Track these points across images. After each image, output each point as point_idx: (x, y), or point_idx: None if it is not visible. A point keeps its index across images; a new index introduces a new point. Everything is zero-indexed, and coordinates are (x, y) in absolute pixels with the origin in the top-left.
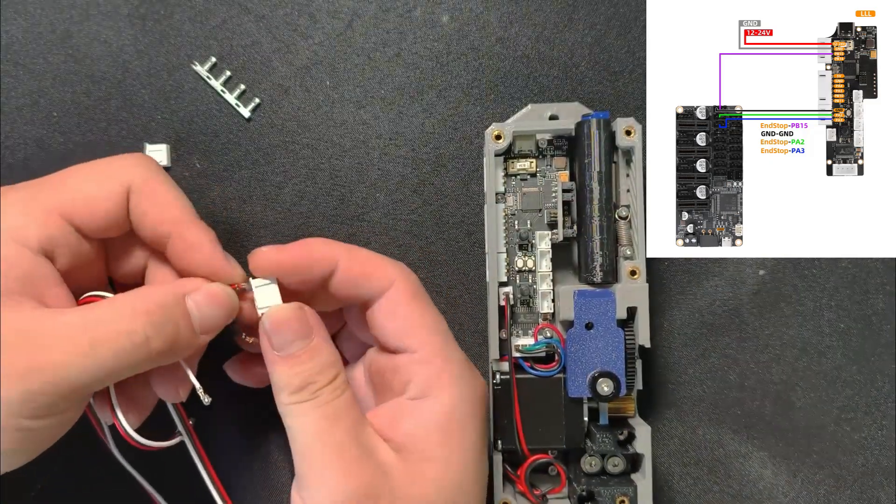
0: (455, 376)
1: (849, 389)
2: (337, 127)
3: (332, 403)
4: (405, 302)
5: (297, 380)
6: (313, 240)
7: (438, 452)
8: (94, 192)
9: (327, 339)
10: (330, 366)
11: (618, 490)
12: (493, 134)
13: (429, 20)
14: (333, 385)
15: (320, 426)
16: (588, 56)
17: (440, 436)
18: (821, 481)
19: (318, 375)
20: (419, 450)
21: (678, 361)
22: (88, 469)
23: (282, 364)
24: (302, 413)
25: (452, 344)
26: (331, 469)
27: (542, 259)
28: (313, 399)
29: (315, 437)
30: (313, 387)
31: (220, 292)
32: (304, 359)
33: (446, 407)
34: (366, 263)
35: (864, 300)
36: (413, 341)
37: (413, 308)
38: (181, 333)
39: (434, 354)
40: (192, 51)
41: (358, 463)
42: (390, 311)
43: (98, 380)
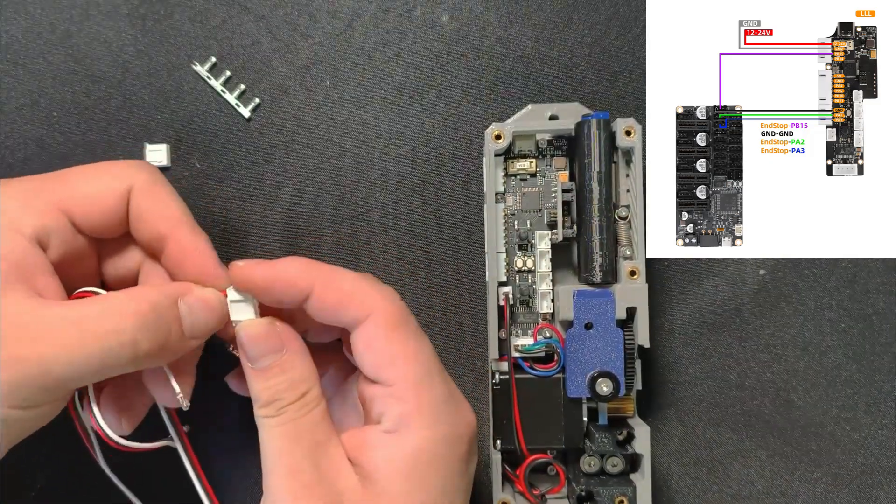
0: (429, 414)
1: (849, 389)
2: (337, 127)
3: (296, 422)
4: (383, 334)
5: (266, 394)
6: (294, 260)
7: (398, 489)
8: (95, 190)
9: (301, 354)
10: (300, 382)
11: (617, 490)
12: (493, 134)
13: (429, 20)
14: (302, 402)
15: (281, 446)
16: (588, 56)
17: (403, 474)
18: (819, 479)
19: (287, 392)
20: (381, 482)
21: (678, 361)
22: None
23: (255, 377)
24: (268, 429)
25: (434, 377)
26: (284, 491)
27: (542, 259)
28: (278, 416)
29: (274, 456)
30: (280, 403)
31: (212, 298)
32: (275, 373)
33: (414, 446)
34: (341, 292)
35: (864, 300)
36: (388, 374)
37: (391, 340)
38: (171, 336)
39: (408, 390)
40: (192, 51)
41: (310, 489)
42: (368, 341)
43: (83, 376)
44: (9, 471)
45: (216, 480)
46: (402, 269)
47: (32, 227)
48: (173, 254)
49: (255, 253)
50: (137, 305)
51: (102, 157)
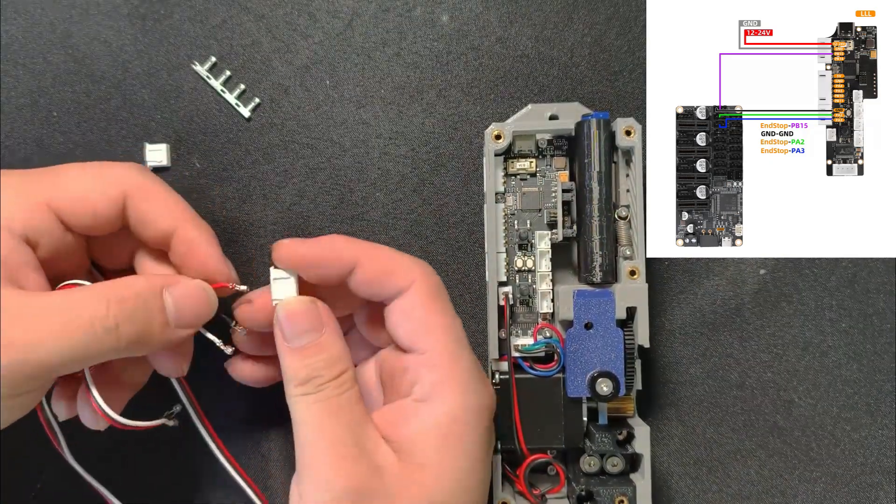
0: (461, 383)
1: (849, 389)
2: (337, 126)
3: (335, 399)
4: (422, 303)
5: (304, 372)
6: (336, 237)
7: (434, 458)
8: (88, 191)
9: (338, 335)
10: (338, 361)
11: (617, 490)
12: (492, 134)
13: (429, 20)
14: (339, 381)
15: (321, 421)
16: (588, 56)
17: (438, 441)
18: (818, 479)
19: (325, 370)
20: (416, 453)
21: (678, 361)
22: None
23: (291, 355)
24: (305, 406)
25: (465, 350)
26: (326, 465)
27: (542, 259)
28: (317, 392)
29: (315, 431)
30: (319, 380)
31: (198, 289)
32: (313, 352)
33: (447, 412)
34: (387, 262)
35: (864, 300)
36: (424, 342)
37: (429, 309)
38: (154, 325)
39: (442, 358)
40: (192, 50)
41: (353, 461)
42: (406, 310)
43: (66, 362)
44: (8, 471)
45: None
46: None
47: (21, 224)
48: (178, 250)
49: (255, 253)
50: (120, 293)
51: (102, 157)
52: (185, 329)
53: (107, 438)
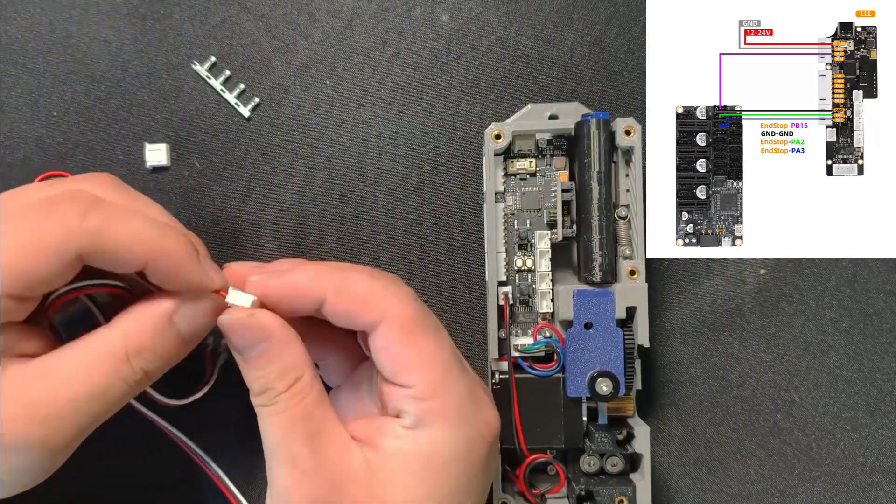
0: (449, 416)
1: (849, 389)
2: (336, 126)
3: (290, 412)
4: (397, 338)
5: (258, 384)
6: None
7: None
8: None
9: (288, 342)
10: (290, 369)
11: (617, 490)
12: (492, 133)
13: (428, 19)
14: (293, 391)
15: (277, 434)
16: (588, 56)
17: (420, 469)
18: (818, 479)
19: (278, 381)
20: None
21: (678, 361)
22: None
23: (244, 366)
24: (263, 417)
25: (454, 378)
26: (285, 480)
27: (542, 259)
28: (271, 405)
29: (272, 445)
30: (272, 392)
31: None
32: (263, 363)
33: (431, 446)
34: (352, 299)
35: (864, 299)
36: (407, 379)
37: (407, 344)
38: (171, 352)
39: (428, 391)
40: (191, 50)
41: (311, 476)
42: (384, 346)
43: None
44: None
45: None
46: (402, 268)
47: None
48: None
49: (255, 253)
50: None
51: (102, 157)
52: (196, 340)
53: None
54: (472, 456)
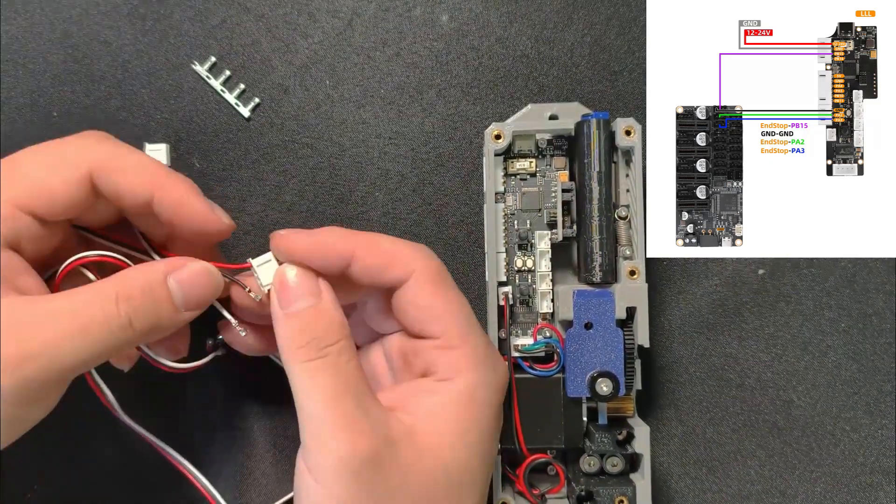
0: (477, 361)
1: (849, 389)
2: (337, 126)
3: (342, 366)
4: (425, 290)
5: (303, 335)
6: (333, 229)
7: (453, 430)
8: (49, 181)
9: (335, 303)
10: (339, 327)
11: (617, 490)
12: (492, 134)
13: (428, 20)
14: (340, 346)
15: (329, 390)
16: (588, 56)
17: (457, 414)
18: (818, 479)
19: (324, 333)
20: (433, 426)
21: (678, 361)
22: (85, 468)
23: (288, 320)
24: (309, 374)
25: (475, 328)
26: (336, 437)
27: (542, 259)
28: (321, 358)
29: (321, 401)
30: (319, 342)
31: (202, 271)
32: (311, 316)
33: (467, 388)
34: (384, 253)
35: (864, 300)
36: (435, 328)
37: (434, 295)
38: (163, 313)
39: (456, 340)
40: (191, 50)
41: (363, 432)
42: (411, 299)
43: (86, 362)
44: (5, 472)
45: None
46: None
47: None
48: (163, 214)
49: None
50: (126, 290)
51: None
52: (192, 311)
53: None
54: (493, 400)
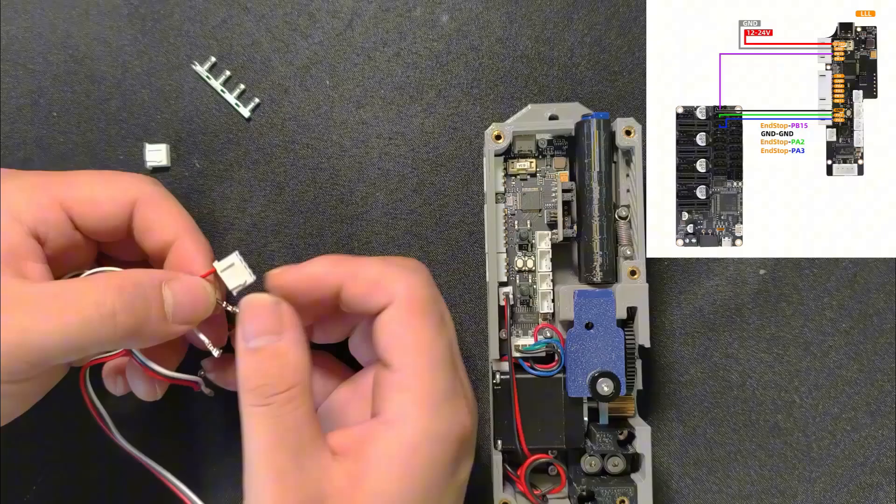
0: (429, 408)
1: (849, 389)
2: (337, 126)
3: (283, 418)
4: (400, 318)
5: (255, 379)
6: (321, 260)
7: (394, 487)
8: (99, 194)
9: (298, 343)
10: (292, 371)
11: (618, 490)
12: (492, 134)
13: (429, 20)
14: (289, 395)
15: (266, 443)
16: (588, 56)
17: (400, 469)
18: (818, 479)
19: (277, 379)
20: (375, 479)
21: (678, 361)
22: (84, 468)
23: (246, 356)
24: (253, 421)
25: (442, 371)
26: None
27: (542, 259)
28: (266, 406)
29: (258, 454)
30: (268, 389)
31: (198, 286)
32: (267, 355)
33: (409, 440)
34: (367, 283)
35: (864, 300)
36: (397, 360)
37: (408, 326)
38: (151, 317)
39: (412, 379)
40: (191, 51)
41: (293, 491)
42: (384, 325)
43: (63, 348)
44: (5, 471)
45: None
46: None
47: (31, 218)
48: (174, 261)
49: (256, 253)
50: (119, 281)
51: (102, 158)
52: (181, 325)
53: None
54: (444, 454)
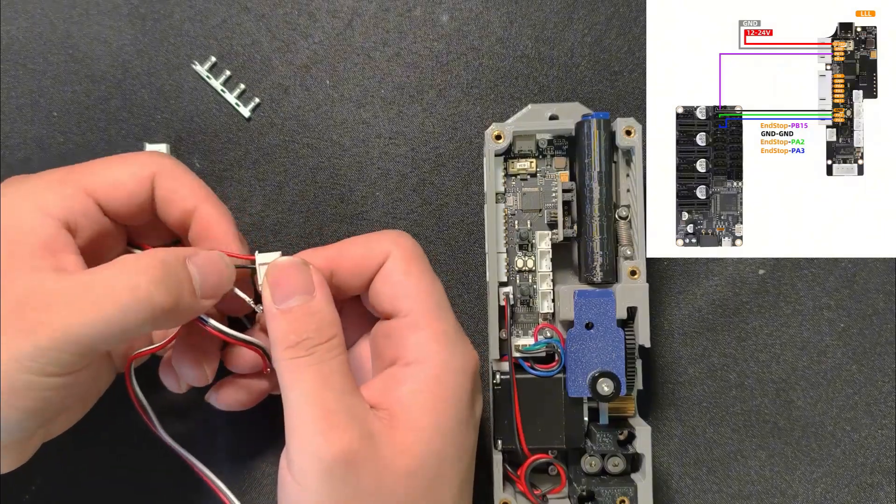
0: (444, 343)
1: (848, 389)
2: (337, 126)
3: (327, 364)
4: (398, 268)
5: (293, 335)
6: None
7: (424, 421)
8: (120, 175)
9: (328, 301)
10: (329, 325)
11: (618, 490)
12: (493, 134)
13: (429, 20)
14: (330, 345)
15: (311, 386)
16: (588, 56)
17: (428, 402)
18: (818, 479)
19: (315, 332)
20: (406, 418)
21: (678, 361)
22: (83, 469)
23: (280, 317)
24: (296, 370)
25: (444, 311)
26: (315, 433)
27: (542, 259)
28: (308, 356)
29: (304, 397)
30: (309, 342)
31: (217, 257)
32: (303, 313)
33: (433, 374)
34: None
35: (864, 300)
36: (405, 305)
37: (408, 274)
38: (183, 292)
39: (424, 318)
40: (192, 50)
41: (343, 429)
42: (385, 277)
43: (105, 335)
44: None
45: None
46: None
47: (61, 211)
48: (198, 228)
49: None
50: (148, 262)
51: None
52: (207, 300)
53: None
54: (467, 383)
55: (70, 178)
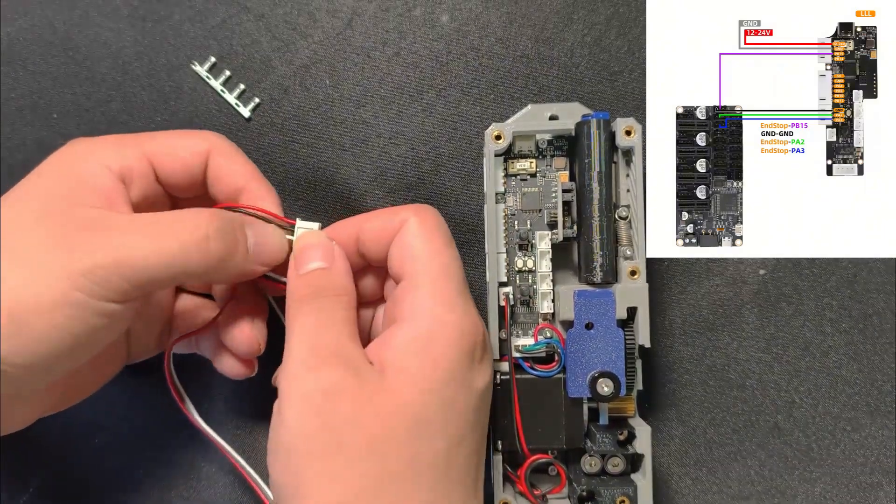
0: (443, 301)
1: (849, 389)
2: (336, 126)
3: (329, 312)
4: (412, 233)
5: (304, 288)
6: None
7: (412, 364)
8: (179, 146)
9: (346, 273)
10: (340, 286)
11: (618, 490)
12: (492, 134)
13: (428, 20)
14: (337, 298)
15: (309, 327)
16: (588, 56)
17: (418, 348)
18: (818, 479)
19: (327, 288)
20: (395, 363)
21: (678, 361)
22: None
23: (296, 279)
24: (299, 311)
25: (452, 275)
26: (301, 364)
27: (542, 259)
28: (312, 300)
29: (300, 335)
30: (317, 292)
31: (272, 229)
32: (318, 276)
33: (427, 325)
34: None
35: (864, 300)
36: (410, 266)
37: (418, 237)
38: (237, 249)
39: (424, 278)
40: (191, 51)
41: (329, 365)
42: (398, 242)
43: (161, 270)
44: (3, 471)
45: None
46: None
47: (119, 166)
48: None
49: None
50: (211, 213)
51: None
52: (259, 266)
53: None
54: (464, 343)
55: (132, 142)
